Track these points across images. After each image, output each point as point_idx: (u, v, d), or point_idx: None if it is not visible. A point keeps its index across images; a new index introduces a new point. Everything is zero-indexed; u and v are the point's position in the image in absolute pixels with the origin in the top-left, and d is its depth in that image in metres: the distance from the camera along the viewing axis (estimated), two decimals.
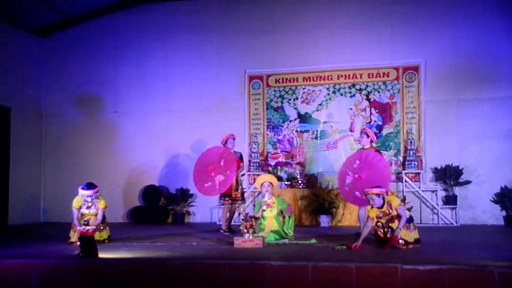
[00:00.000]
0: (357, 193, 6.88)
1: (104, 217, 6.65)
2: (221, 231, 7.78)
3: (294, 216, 6.98)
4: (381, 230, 5.78)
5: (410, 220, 5.84)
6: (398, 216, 5.74)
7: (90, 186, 6.54)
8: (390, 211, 5.73)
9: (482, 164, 9.10)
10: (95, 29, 10.92)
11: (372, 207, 5.83)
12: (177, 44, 10.56)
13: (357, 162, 6.97)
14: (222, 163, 7.46)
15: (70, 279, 4.94)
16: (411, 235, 5.77)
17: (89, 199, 6.50)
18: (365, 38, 9.72)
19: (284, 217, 6.65)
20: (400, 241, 5.65)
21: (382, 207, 5.77)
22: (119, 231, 7.91)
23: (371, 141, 7.39)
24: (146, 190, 10.22)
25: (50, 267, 5.02)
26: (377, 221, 5.85)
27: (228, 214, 7.91)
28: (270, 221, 6.60)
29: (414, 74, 9.51)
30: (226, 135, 8.10)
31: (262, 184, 6.75)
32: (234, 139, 8.08)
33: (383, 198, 5.79)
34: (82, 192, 6.49)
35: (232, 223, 8.74)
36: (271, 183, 6.75)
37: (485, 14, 9.26)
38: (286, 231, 6.51)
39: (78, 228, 6.43)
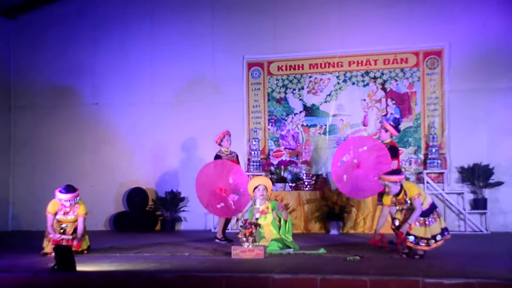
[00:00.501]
0: (345, 176, 7.39)
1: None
2: (216, 240, 7.78)
3: (291, 218, 7.01)
4: (396, 226, 5.93)
5: (430, 210, 5.86)
6: (412, 209, 5.82)
7: (69, 189, 6.52)
8: (406, 199, 5.83)
9: None
10: (70, 8, 10.88)
11: (387, 194, 5.95)
12: (164, 25, 10.52)
13: (365, 148, 7.28)
14: (231, 180, 7.36)
15: None
16: (433, 228, 5.79)
17: (67, 203, 6.49)
18: (381, 18, 9.69)
19: (280, 221, 6.64)
20: (421, 244, 5.70)
21: (398, 194, 5.87)
22: (100, 240, 7.90)
23: (391, 136, 7.59)
24: (131, 193, 10.21)
25: (20, 282, 5.01)
26: (394, 218, 5.97)
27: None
28: (268, 228, 6.60)
29: (437, 60, 9.48)
30: (221, 132, 8.10)
31: (256, 188, 6.74)
32: (230, 136, 8.09)
33: (401, 185, 5.89)
34: (60, 196, 6.47)
35: (230, 230, 8.73)
36: (265, 187, 6.75)
37: None
38: (283, 236, 6.52)
39: (52, 236, 6.40)
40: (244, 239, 5.96)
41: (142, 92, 10.57)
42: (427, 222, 5.81)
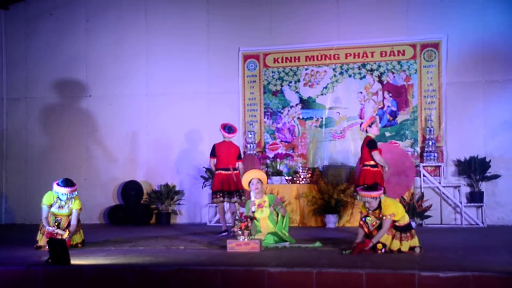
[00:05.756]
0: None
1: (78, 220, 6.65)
2: (225, 233, 7.72)
3: (289, 214, 7.02)
4: (367, 225, 5.86)
5: (407, 228, 5.85)
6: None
7: (68, 183, 6.51)
8: (380, 215, 5.81)
9: None
10: None
11: (367, 208, 5.91)
12: (159, 16, 10.48)
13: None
14: None
15: None
16: (403, 245, 5.77)
17: (64, 197, 6.49)
18: (378, 10, 9.68)
19: (278, 215, 6.66)
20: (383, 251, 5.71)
21: (376, 209, 5.85)
22: (95, 233, 7.91)
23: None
24: (126, 186, 10.21)
25: (13, 275, 5.01)
26: (366, 214, 5.90)
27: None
28: (264, 222, 6.61)
29: (434, 52, 9.49)
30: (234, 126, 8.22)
31: (250, 182, 6.75)
32: None
33: (380, 201, 5.86)
34: (58, 189, 6.46)
35: (220, 224, 8.77)
36: (260, 180, 6.75)
37: None
38: (279, 232, 6.53)
39: (48, 228, 6.41)
40: (240, 232, 5.98)
41: (137, 84, 10.54)
42: (403, 237, 5.80)
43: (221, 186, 7.92)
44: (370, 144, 7.44)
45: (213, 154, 8.07)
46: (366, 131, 7.58)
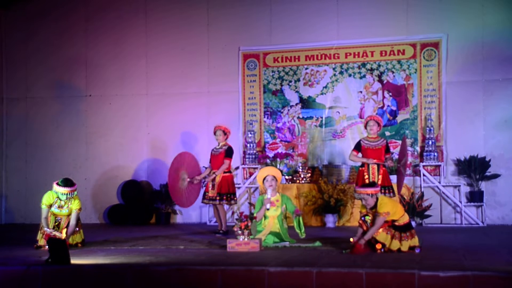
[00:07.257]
0: None
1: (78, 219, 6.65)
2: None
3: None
4: (366, 224, 5.87)
5: (407, 227, 5.85)
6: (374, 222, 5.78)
7: (67, 183, 6.50)
8: (376, 213, 5.81)
9: None
10: None
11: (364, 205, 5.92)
12: (159, 15, 10.49)
13: None
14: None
15: None
16: (403, 244, 5.76)
17: (64, 197, 6.48)
18: (378, 9, 9.69)
19: (287, 217, 6.63)
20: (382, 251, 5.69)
21: (374, 207, 5.85)
22: (95, 233, 7.92)
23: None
24: (126, 186, 10.21)
25: (13, 275, 5.01)
26: (366, 213, 5.90)
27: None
28: (272, 221, 6.58)
29: (434, 51, 9.49)
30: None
31: (264, 179, 6.70)
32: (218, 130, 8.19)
33: (377, 198, 5.85)
34: (58, 189, 6.45)
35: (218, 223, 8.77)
36: (275, 177, 6.69)
37: None
38: (298, 231, 6.44)
39: (46, 229, 6.41)
40: (240, 232, 5.97)
41: (137, 84, 10.55)
42: (402, 237, 5.79)
43: (227, 188, 7.89)
44: (355, 145, 7.97)
45: (231, 156, 7.98)
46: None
